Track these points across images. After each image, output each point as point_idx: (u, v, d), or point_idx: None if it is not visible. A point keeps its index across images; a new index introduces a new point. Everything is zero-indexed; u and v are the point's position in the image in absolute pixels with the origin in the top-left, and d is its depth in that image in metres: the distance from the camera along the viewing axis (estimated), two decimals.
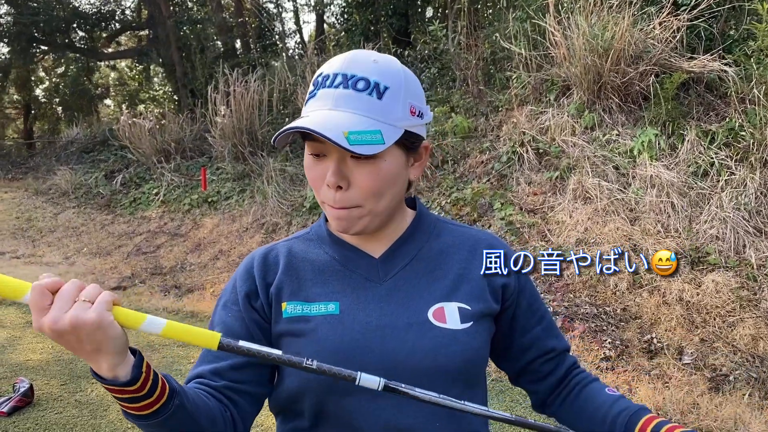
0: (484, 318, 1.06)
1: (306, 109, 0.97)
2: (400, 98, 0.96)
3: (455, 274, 1.07)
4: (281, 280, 1.06)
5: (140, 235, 8.44)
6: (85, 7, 16.28)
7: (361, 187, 0.95)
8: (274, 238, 7.24)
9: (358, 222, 0.99)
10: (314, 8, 13.42)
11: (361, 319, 1.01)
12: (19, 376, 4.03)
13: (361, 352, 0.98)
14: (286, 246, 1.11)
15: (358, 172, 0.95)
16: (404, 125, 0.96)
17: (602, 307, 4.42)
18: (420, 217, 1.13)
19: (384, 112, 0.94)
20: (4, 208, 10.54)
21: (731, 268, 4.31)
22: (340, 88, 0.94)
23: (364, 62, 0.96)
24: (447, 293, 1.04)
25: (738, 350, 3.75)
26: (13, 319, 5.46)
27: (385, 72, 0.96)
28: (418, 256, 1.08)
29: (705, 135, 5.22)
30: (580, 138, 5.86)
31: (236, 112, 9.13)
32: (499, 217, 5.60)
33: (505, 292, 1.10)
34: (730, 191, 4.72)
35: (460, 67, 7.95)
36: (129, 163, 11.11)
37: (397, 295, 1.03)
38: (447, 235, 1.12)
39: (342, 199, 0.96)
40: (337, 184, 0.95)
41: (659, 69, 5.66)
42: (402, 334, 0.99)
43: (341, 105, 0.93)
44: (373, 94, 0.93)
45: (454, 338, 1.00)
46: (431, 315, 1.01)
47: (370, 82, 0.94)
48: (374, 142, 0.90)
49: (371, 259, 1.07)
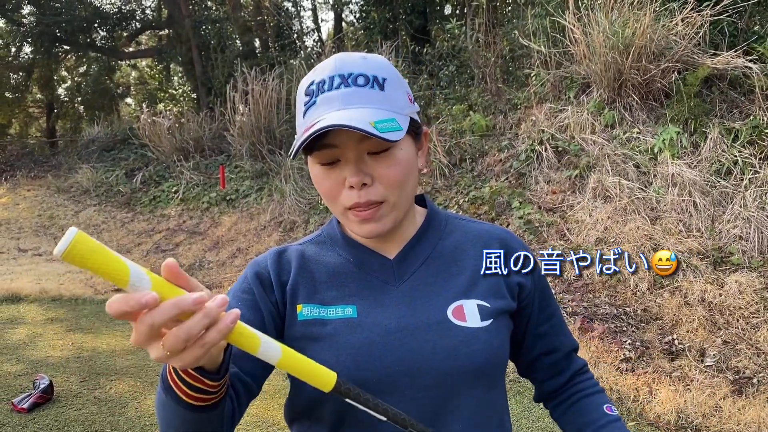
0: (503, 315, 1.04)
1: (308, 119, 0.94)
2: (397, 87, 0.97)
3: (472, 270, 1.05)
4: (296, 281, 1.04)
5: (159, 233, 8.50)
6: (106, 7, 16.45)
7: (384, 180, 0.94)
8: (292, 236, 7.25)
9: (385, 219, 0.97)
10: (332, 6, 13.43)
11: (380, 321, 0.99)
12: (39, 373, 4.08)
13: (381, 355, 0.96)
14: (299, 249, 1.10)
15: (378, 166, 0.94)
16: (408, 113, 0.96)
17: (622, 307, 4.36)
18: (431, 215, 1.12)
19: (390, 102, 0.94)
20: (27, 206, 10.68)
21: (755, 268, 4.23)
22: (342, 88, 0.92)
23: (354, 60, 0.96)
24: (465, 290, 1.03)
25: (762, 352, 3.68)
26: (34, 316, 5.53)
27: (377, 66, 0.96)
28: (433, 255, 1.06)
29: (728, 133, 5.13)
30: (600, 136, 5.79)
31: (254, 111, 9.17)
32: (518, 216, 5.55)
33: (521, 291, 1.08)
34: (754, 190, 4.63)
35: (479, 64, 7.89)
36: (149, 162, 11.21)
37: (414, 296, 1.02)
38: (459, 232, 1.11)
39: (367, 194, 0.94)
40: (362, 181, 0.93)
41: (681, 66, 5.57)
42: (422, 334, 0.98)
43: (350, 103, 0.91)
44: (375, 87, 0.93)
45: (475, 337, 0.99)
46: (451, 313, 1.00)
47: (368, 77, 0.94)
48: (395, 129, 0.90)
49: (386, 260, 1.05)
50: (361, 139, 0.92)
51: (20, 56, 17.08)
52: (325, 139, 0.91)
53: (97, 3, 16.30)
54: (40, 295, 6.10)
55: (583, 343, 4.07)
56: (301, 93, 0.98)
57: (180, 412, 0.82)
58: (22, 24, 15.21)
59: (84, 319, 5.46)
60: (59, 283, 6.59)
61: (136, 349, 4.69)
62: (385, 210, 0.96)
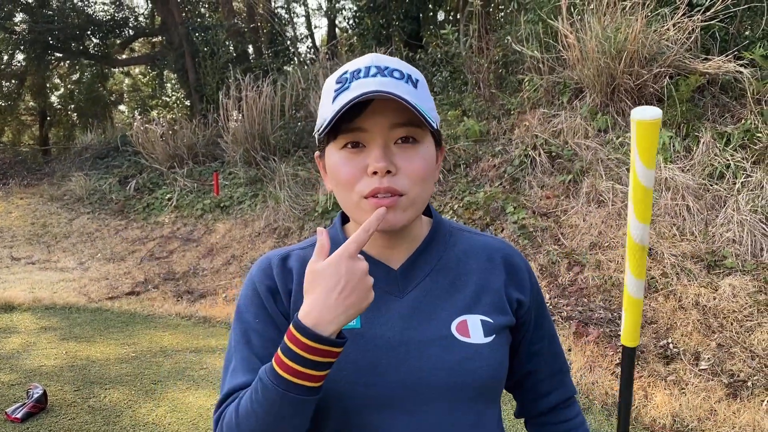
0: (504, 330, 1.04)
1: (338, 103, 0.92)
2: (428, 93, 0.98)
3: (475, 284, 1.05)
4: (297, 291, 1.02)
5: (153, 241, 8.47)
6: (99, 15, 16.38)
7: (408, 171, 0.94)
8: (287, 243, 7.24)
9: (402, 214, 0.95)
10: (326, 13, 13.45)
11: (383, 334, 0.98)
12: (32, 382, 4.05)
13: (384, 369, 0.96)
14: (301, 255, 1.07)
15: (404, 157, 0.93)
16: (434, 116, 0.96)
17: (617, 311, 4.37)
18: (437, 225, 1.10)
19: (422, 101, 0.94)
20: (20, 214, 10.63)
21: (748, 271, 4.25)
22: (378, 76, 0.92)
23: (389, 59, 0.97)
24: (469, 305, 1.02)
25: (756, 355, 3.69)
26: (28, 325, 5.50)
27: (411, 68, 0.98)
28: (437, 267, 1.05)
29: (720, 137, 5.16)
30: (593, 141, 5.81)
31: (248, 117, 9.17)
32: (512, 221, 5.56)
33: (520, 307, 1.08)
34: (746, 194, 4.66)
35: (472, 70, 7.92)
36: (142, 169, 11.18)
37: (418, 308, 1.01)
38: (463, 244, 1.10)
39: (390, 181, 0.92)
40: (387, 168, 0.91)
41: (673, 71, 5.61)
42: (426, 349, 0.97)
43: (386, 89, 0.90)
44: (410, 83, 0.94)
45: (478, 353, 0.98)
46: (454, 329, 0.99)
47: (404, 73, 0.95)
48: (432, 119, 0.91)
49: (390, 270, 1.04)
50: (392, 127, 0.92)
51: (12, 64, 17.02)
52: (354, 122, 0.91)
53: (90, 11, 16.23)
54: (33, 304, 6.07)
55: (578, 347, 4.08)
56: (330, 83, 0.98)
57: (306, 406, 0.87)
58: (15, 32, 15.16)
59: (78, 327, 5.43)
60: (53, 292, 6.55)
61: (131, 358, 4.67)
62: (404, 203, 0.94)
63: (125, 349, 4.89)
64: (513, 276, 1.08)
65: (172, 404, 3.87)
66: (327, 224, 7.23)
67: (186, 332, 5.31)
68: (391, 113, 0.92)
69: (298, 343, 0.83)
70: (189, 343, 5.03)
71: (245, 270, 6.81)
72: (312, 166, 8.62)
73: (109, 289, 6.65)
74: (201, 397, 3.96)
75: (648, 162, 0.82)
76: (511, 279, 1.07)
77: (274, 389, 0.84)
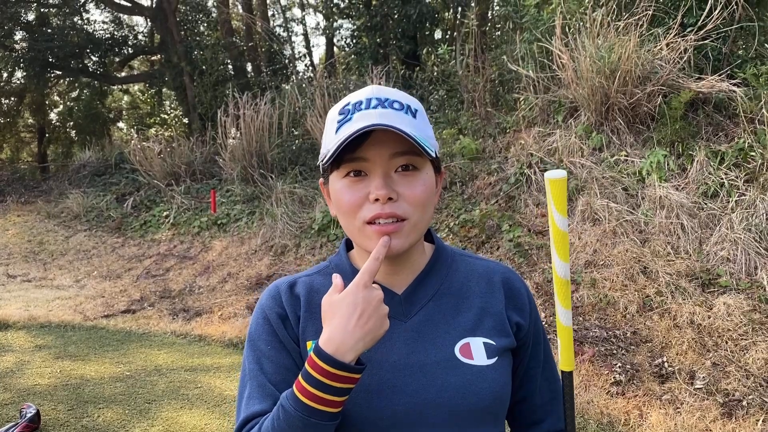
0: (506, 352, 1.06)
1: (341, 134, 0.96)
2: (426, 122, 1.02)
3: (477, 308, 1.07)
4: (305, 318, 1.06)
5: (150, 258, 8.47)
6: (99, 33, 16.52)
7: (409, 198, 0.97)
8: (283, 261, 7.24)
9: (404, 239, 0.98)
10: (324, 32, 13.56)
11: (388, 358, 1.01)
12: (25, 402, 4.03)
13: (391, 392, 0.98)
14: (307, 281, 1.11)
15: (405, 184, 0.97)
16: (433, 145, 0.99)
17: (612, 330, 4.36)
18: (439, 250, 1.13)
19: (421, 130, 0.98)
20: (17, 231, 10.63)
21: (743, 290, 4.25)
22: (378, 108, 0.96)
23: (389, 90, 1.01)
24: (471, 328, 1.04)
25: (751, 374, 3.69)
26: (22, 343, 5.47)
27: (410, 98, 1.02)
28: (440, 291, 1.08)
29: (714, 155, 5.19)
30: (588, 159, 5.84)
31: (246, 135, 9.21)
32: (508, 239, 5.57)
33: (519, 330, 1.10)
34: (740, 212, 4.67)
35: (468, 89, 7.98)
36: (140, 186, 11.20)
37: (422, 332, 1.03)
38: (465, 268, 1.13)
39: (392, 207, 0.96)
40: (388, 195, 0.95)
41: (667, 89, 5.66)
42: (431, 371, 0.99)
43: (386, 120, 0.94)
44: (409, 114, 0.98)
45: (482, 374, 1.00)
46: (458, 351, 1.01)
47: (403, 104, 0.99)
48: (430, 149, 0.94)
49: (394, 295, 1.06)
50: (392, 156, 0.96)
51: (12, 81, 17.11)
52: (356, 152, 0.95)
53: (90, 29, 16.38)
54: (28, 322, 6.04)
55: (574, 366, 4.07)
56: (333, 114, 1.01)
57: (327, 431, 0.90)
58: (14, 49, 15.26)
59: (72, 346, 5.41)
60: (48, 310, 6.54)
61: (125, 376, 4.65)
62: (407, 228, 0.98)
63: (120, 367, 4.87)
64: (513, 299, 1.10)
65: (166, 424, 3.85)
66: (323, 242, 7.24)
67: (181, 351, 5.30)
68: (391, 143, 0.95)
69: (320, 369, 0.86)
70: (184, 361, 5.01)
71: (241, 288, 6.81)
72: (308, 183, 8.64)
73: (105, 307, 6.63)
74: (195, 417, 3.94)
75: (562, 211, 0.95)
76: (511, 302, 1.10)
77: (296, 415, 0.87)
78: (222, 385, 4.47)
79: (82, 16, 16.73)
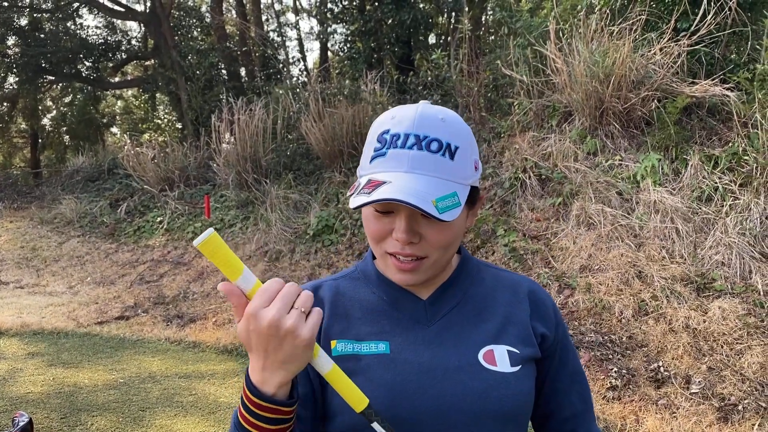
0: (530, 362, 1.06)
1: (374, 168, 0.96)
2: (468, 157, 0.97)
3: (501, 316, 1.07)
4: (330, 317, 1.07)
5: (144, 264, 8.43)
6: (92, 38, 16.48)
7: (432, 242, 0.97)
8: (278, 266, 7.22)
9: (422, 274, 1.00)
10: (318, 37, 13.56)
11: (412, 360, 1.01)
12: (18, 410, 3.99)
13: (414, 392, 0.98)
14: (333, 285, 1.13)
15: (430, 228, 0.96)
16: (471, 182, 0.98)
17: (608, 335, 4.36)
18: (465, 260, 1.14)
19: (456, 173, 0.94)
20: (9, 237, 10.57)
21: (737, 294, 4.26)
22: (414, 149, 0.93)
23: (434, 121, 0.95)
24: (495, 335, 1.05)
25: (746, 378, 3.69)
26: (15, 351, 5.43)
27: (454, 132, 0.96)
28: (464, 300, 1.09)
29: (708, 159, 5.21)
30: (583, 164, 5.85)
31: (240, 140, 9.19)
32: (503, 244, 5.57)
33: (544, 341, 1.09)
34: (734, 216, 4.69)
35: (462, 93, 7.98)
36: (133, 192, 11.16)
37: (445, 337, 1.04)
38: (490, 279, 1.14)
39: (412, 249, 0.97)
40: (409, 240, 0.95)
41: (661, 94, 5.67)
42: (454, 375, 1.00)
43: (418, 168, 0.92)
44: (446, 155, 0.94)
45: (505, 381, 1.00)
46: (482, 357, 1.02)
47: (442, 144, 0.94)
48: (454, 205, 0.91)
49: (419, 300, 1.07)
50: None
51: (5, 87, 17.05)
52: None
53: (83, 34, 16.33)
54: (21, 329, 6.00)
55: None
56: (374, 133, 0.99)
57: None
58: (7, 55, 15.21)
59: (66, 353, 5.37)
60: (41, 317, 6.49)
61: (119, 384, 4.62)
62: (426, 265, 0.99)
63: (113, 375, 4.84)
64: (537, 309, 1.10)
65: (160, 431, 3.82)
66: (318, 247, 7.22)
67: (175, 357, 5.27)
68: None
69: (247, 397, 0.86)
70: (178, 368, 4.98)
71: None
72: (303, 188, 8.62)
73: (99, 314, 6.59)
74: (190, 424, 3.91)
75: (231, 275, 0.82)
76: (536, 312, 1.10)
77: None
78: (216, 392, 4.45)
79: (76, 21, 16.69)
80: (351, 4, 11.65)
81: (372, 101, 8.49)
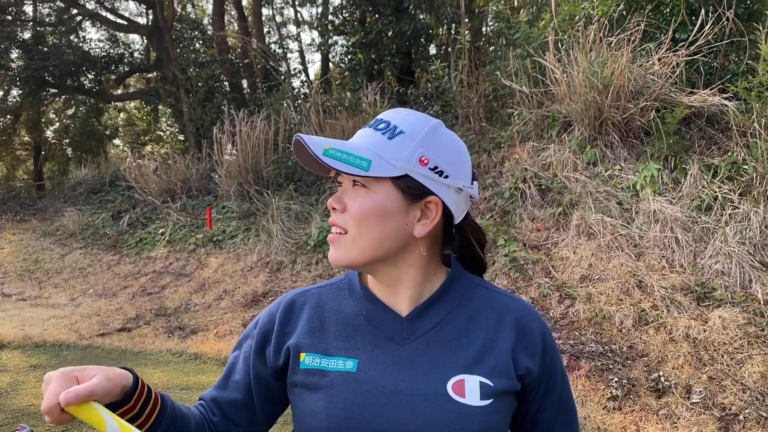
0: (505, 395, 1.01)
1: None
2: (410, 144, 0.97)
3: (481, 344, 1.01)
4: (302, 331, 1.06)
5: (146, 276, 8.44)
6: (95, 51, 16.57)
7: (349, 211, 0.99)
8: (279, 277, 7.23)
9: (342, 252, 1.00)
10: (319, 48, 13.64)
11: (377, 381, 0.98)
12: (19, 423, 3.99)
13: (371, 417, 0.95)
14: (317, 294, 1.12)
15: (351, 197, 0.99)
16: (405, 168, 0.96)
17: (608, 344, 4.36)
18: (454, 277, 1.08)
19: (386, 150, 0.97)
20: (12, 249, 10.60)
21: (738, 303, 4.26)
22: (366, 128, 1.03)
23: (401, 113, 1.03)
24: (470, 365, 0.99)
25: (747, 388, 3.68)
26: (17, 363, 5.44)
27: (408, 121, 1.01)
28: (446, 320, 1.04)
29: (707, 169, 5.22)
30: (583, 174, 5.87)
31: (242, 152, 9.24)
32: (503, 254, 5.58)
33: (528, 375, 1.03)
34: (734, 225, 4.69)
35: (462, 104, 8.02)
36: (136, 204, 11.19)
37: (418, 360, 1.00)
38: (478, 300, 1.07)
39: (335, 218, 1.01)
40: (332, 205, 1.01)
41: (660, 104, 5.70)
42: (417, 403, 0.96)
43: (356, 137, 1.02)
44: (386, 134, 0.98)
45: (471, 415, 0.95)
46: (450, 387, 0.97)
47: (390, 125, 1.00)
48: (355, 164, 0.95)
49: (397, 317, 1.03)
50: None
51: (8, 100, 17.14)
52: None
53: (86, 47, 16.43)
54: (23, 342, 6.01)
55: (570, 381, 4.06)
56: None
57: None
58: (10, 68, 15.30)
59: (68, 365, 5.34)
60: (43, 329, 6.50)
61: None
62: (346, 241, 1.00)
63: None
64: (523, 340, 1.03)
65: None
66: (319, 258, 7.23)
67: (177, 369, 5.27)
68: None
69: None
70: (180, 380, 4.99)
71: (237, 305, 6.79)
72: (304, 199, 8.65)
73: (101, 326, 6.60)
74: None
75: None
76: (521, 343, 1.03)
77: None
78: None
79: (78, 35, 16.79)
80: (352, 16, 11.72)
81: (372, 112, 8.54)
